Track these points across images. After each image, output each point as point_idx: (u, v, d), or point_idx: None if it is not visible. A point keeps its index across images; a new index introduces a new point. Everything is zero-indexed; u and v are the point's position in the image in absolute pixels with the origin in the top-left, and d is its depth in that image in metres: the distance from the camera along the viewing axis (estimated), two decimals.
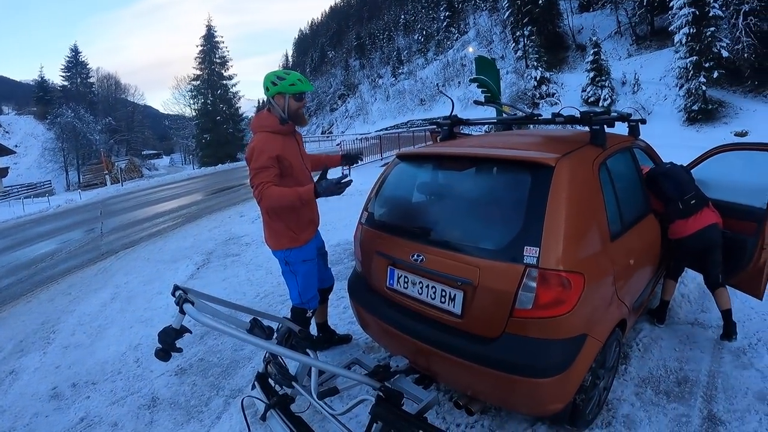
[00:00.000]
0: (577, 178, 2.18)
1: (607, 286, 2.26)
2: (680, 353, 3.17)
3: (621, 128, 2.86)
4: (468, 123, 3.35)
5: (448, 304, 2.25)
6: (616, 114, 2.62)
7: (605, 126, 2.55)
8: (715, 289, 3.23)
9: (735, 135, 18.86)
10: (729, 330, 3.17)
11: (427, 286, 2.35)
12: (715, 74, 20.10)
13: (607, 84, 27.18)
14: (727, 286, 3.23)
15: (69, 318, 4.58)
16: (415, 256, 2.35)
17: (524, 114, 3.27)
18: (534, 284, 1.98)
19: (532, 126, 4.09)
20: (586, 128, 2.63)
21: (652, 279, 3.11)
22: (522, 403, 2.21)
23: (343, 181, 2.43)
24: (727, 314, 3.19)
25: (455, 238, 2.31)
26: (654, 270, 3.13)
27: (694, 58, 20.39)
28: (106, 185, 25.40)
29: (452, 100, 3.78)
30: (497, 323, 2.08)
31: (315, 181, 2.57)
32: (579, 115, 2.57)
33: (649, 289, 3.08)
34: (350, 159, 3.24)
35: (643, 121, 3.20)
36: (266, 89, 2.68)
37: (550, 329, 2.01)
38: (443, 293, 2.27)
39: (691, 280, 4.23)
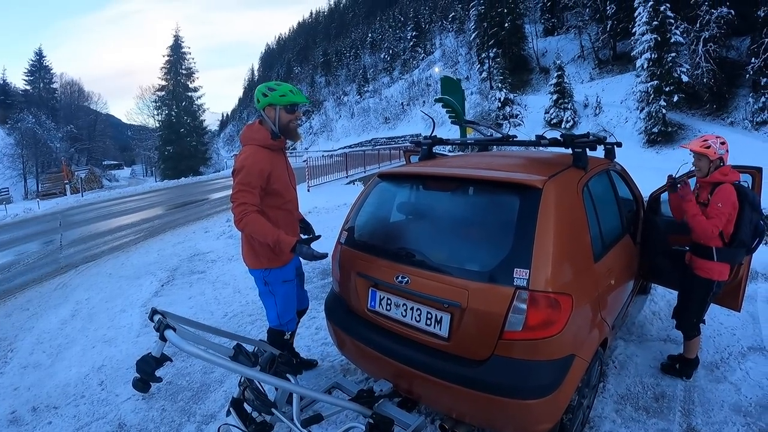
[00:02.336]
0: (563, 199, 2.20)
1: (593, 307, 2.28)
2: (655, 369, 3.23)
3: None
4: (449, 143, 3.34)
5: (434, 327, 2.20)
6: (593, 137, 2.68)
7: (587, 149, 2.59)
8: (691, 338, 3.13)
9: None
10: (690, 371, 3.13)
11: (412, 309, 2.30)
12: (675, 98, 21.12)
13: (569, 106, 28.15)
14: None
15: (27, 336, 4.29)
16: (400, 277, 2.30)
17: (501, 135, 3.29)
18: (524, 306, 1.97)
19: (495, 147, 4.06)
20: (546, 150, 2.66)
21: (629, 297, 3.16)
22: (511, 424, 2.17)
23: (319, 255, 2.40)
24: (696, 360, 3.16)
25: (442, 259, 2.27)
26: (631, 289, 3.19)
27: (655, 82, 21.39)
28: (65, 195, 24.32)
29: (434, 120, 3.79)
30: (486, 346, 2.06)
31: (300, 239, 2.49)
32: (561, 138, 2.61)
33: (625, 308, 3.13)
34: (308, 231, 2.95)
35: (619, 144, 3.26)
36: (257, 101, 2.60)
37: (540, 351, 2.00)
38: (429, 316, 2.23)
39: (661, 297, 4.35)
